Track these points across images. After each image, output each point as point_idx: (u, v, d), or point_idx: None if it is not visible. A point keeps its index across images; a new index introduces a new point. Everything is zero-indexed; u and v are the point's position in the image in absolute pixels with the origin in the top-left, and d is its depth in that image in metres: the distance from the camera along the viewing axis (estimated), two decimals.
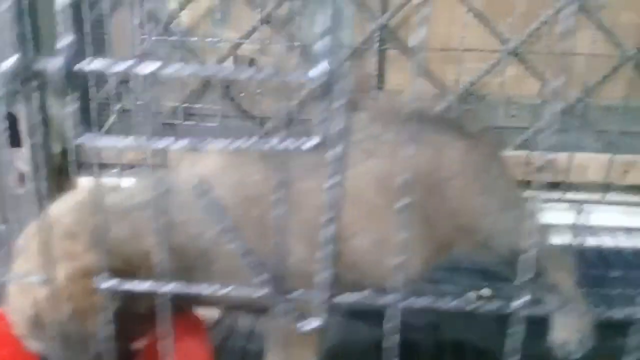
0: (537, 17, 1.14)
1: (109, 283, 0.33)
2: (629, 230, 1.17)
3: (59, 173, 1.26)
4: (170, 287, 0.33)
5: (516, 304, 0.32)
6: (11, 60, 0.29)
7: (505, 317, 0.32)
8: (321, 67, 0.28)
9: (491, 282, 1.04)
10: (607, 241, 1.15)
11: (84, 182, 1.26)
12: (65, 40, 0.29)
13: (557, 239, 1.15)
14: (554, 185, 1.16)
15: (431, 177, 0.68)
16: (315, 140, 0.30)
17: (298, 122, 1.23)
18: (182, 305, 0.60)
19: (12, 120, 1.13)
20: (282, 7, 1.19)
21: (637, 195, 1.16)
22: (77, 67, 0.30)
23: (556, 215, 1.19)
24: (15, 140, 1.14)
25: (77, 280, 0.55)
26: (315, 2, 1.22)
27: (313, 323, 0.31)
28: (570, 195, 1.17)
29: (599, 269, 1.10)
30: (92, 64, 0.30)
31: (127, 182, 1.14)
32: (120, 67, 0.31)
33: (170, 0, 1.23)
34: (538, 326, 0.73)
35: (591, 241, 1.18)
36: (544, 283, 0.76)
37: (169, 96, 1.24)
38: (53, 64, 0.30)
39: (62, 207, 0.60)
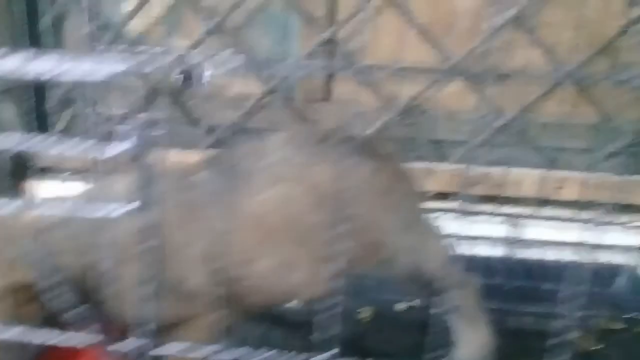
0: (480, 33, 1.16)
1: None
2: (561, 245, 1.20)
3: (13, 175, 1.28)
4: (11, 333, 0.36)
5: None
6: None
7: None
8: (121, 146, 0.31)
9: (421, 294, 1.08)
10: (539, 255, 1.19)
11: (33, 185, 1.29)
12: None
13: (492, 251, 1.20)
14: (489, 199, 1.20)
15: (339, 197, 0.70)
16: (131, 207, 0.33)
17: (244, 132, 1.26)
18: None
19: None
20: (230, 19, 1.21)
21: (570, 211, 1.19)
22: None
23: (491, 228, 1.22)
24: None
25: (7, 295, 0.59)
26: (263, 14, 1.24)
27: None
28: (504, 209, 1.20)
29: (531, 281, 1.14)
30: None
31: (72, 187, 1.17)
32: None
33: (122, 7, 1.25)
34: None
35: (524, 254, 1.22)
36: (446, 303, 0.80)
37: (119, 103, 1.26)
38: None
39: None
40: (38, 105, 1.28)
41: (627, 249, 1.19)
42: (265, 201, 0.66)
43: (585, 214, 1.19)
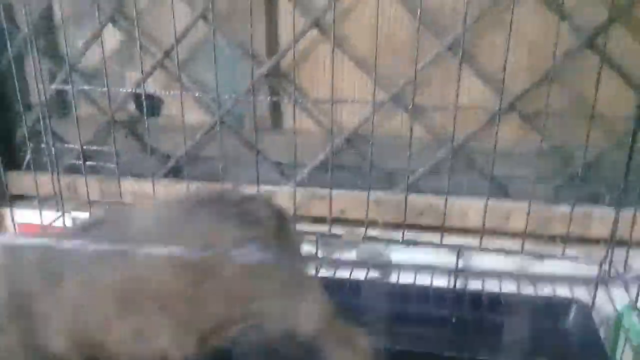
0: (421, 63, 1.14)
1: None
2: (509, 277, 1.17)
3: None
4: None
5: None
6: None
7: None
8: None
9: None
10: (486, 286, 1.16)
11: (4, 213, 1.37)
12: None
13: (438, 282, 1.18)
14: (434, 229, 1.17)
15: (203, 264, 0.72)
16: None
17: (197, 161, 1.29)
18: None
19: None
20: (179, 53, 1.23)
21: (516, 241, 1.15)
22: None
23: (437, 258, 1.20)
24: None
25: None
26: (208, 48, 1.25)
27: None
28: (450, 239, 1.18)
29: (476, 313, 1.12)
30: None
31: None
32: None
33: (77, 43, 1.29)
34: None
35: (470, 285, 1.19)
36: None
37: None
38: None
39: None
40: (7, 138, 1.35)
41: (579, 282, 1.14)
42: (123, 271, 0.68)
43: (533, 246, 1.15)
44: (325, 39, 1.18)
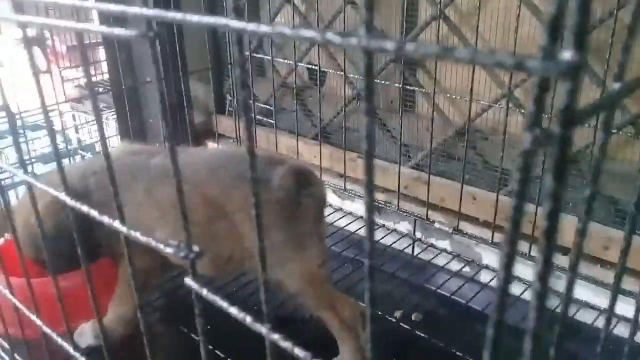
0: None
1: None
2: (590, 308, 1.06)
3: (201, 136, 1.79)
4: None
5: None
6: None
7: None
8: None
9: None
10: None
11: (210, 145, 1.77)
12: None
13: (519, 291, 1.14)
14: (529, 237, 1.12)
15: (221, 205, 0.88)
16: None
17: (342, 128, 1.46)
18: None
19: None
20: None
21: (609, 273, 1.04)
22: None
23: (526, 268, 1.16)
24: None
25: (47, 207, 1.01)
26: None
27: None
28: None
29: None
30: None
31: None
32: None
33: None
34: None
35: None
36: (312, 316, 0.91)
37: (260, 92, 1.61)
38: None
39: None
40: (217, 88, 1.74)
41: None
42: (167, 192, 0.89)
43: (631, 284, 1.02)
44: (454, 32, 1.20)
